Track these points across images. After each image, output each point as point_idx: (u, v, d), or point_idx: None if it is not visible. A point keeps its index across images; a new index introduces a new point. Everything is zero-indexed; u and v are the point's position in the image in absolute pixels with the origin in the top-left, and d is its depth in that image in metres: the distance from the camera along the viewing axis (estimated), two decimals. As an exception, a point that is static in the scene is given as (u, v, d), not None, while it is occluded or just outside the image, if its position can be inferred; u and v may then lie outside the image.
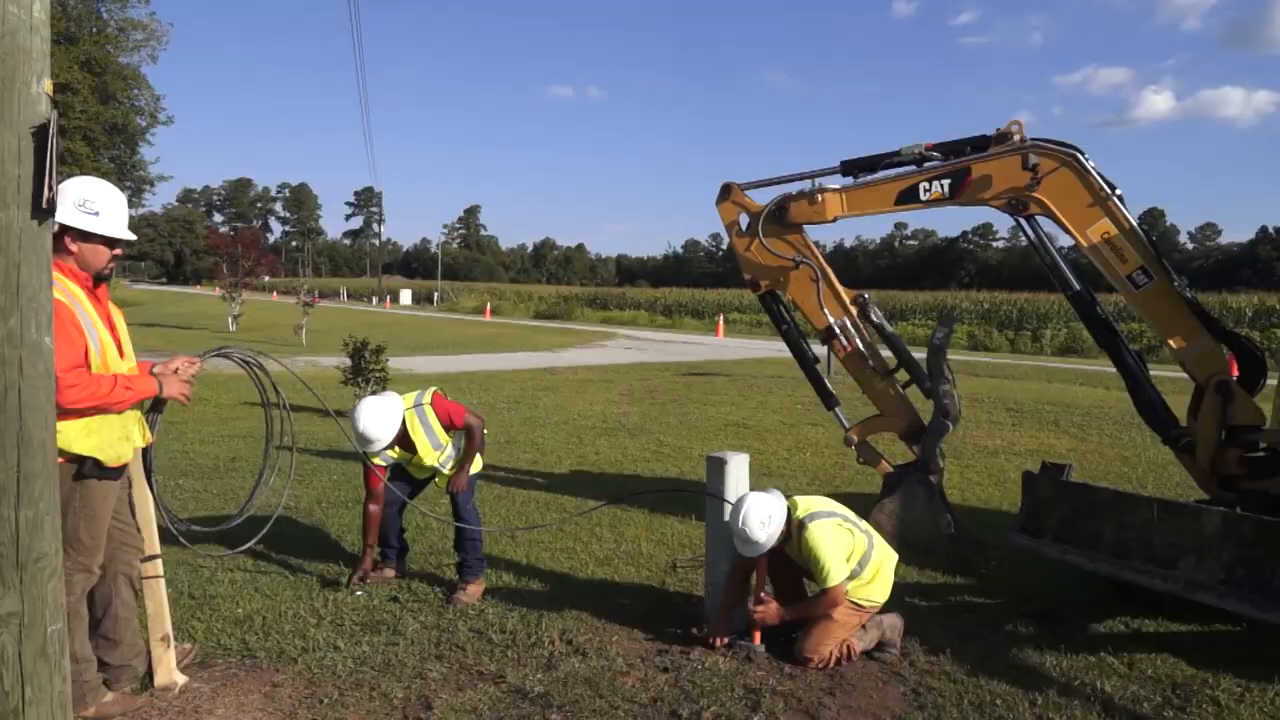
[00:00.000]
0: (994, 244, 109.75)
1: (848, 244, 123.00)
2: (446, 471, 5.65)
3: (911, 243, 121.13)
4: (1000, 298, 41.06)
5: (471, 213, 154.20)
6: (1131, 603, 5.44)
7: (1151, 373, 6.27)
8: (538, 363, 22.04)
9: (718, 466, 5.09)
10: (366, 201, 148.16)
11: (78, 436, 3.52)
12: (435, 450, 5.57)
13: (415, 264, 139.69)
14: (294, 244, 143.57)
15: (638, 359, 24.03)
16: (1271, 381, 6.08)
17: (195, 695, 4.16)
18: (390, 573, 5.77)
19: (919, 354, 6.92)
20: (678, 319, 47.62)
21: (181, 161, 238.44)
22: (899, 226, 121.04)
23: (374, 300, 72.63)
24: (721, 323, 37.63)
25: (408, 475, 5.78)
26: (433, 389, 5.67)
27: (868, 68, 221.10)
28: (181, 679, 4.22)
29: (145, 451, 4.05)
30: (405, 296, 75.40)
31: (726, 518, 4.96)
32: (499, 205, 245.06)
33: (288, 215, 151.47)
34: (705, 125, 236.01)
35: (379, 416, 5.32)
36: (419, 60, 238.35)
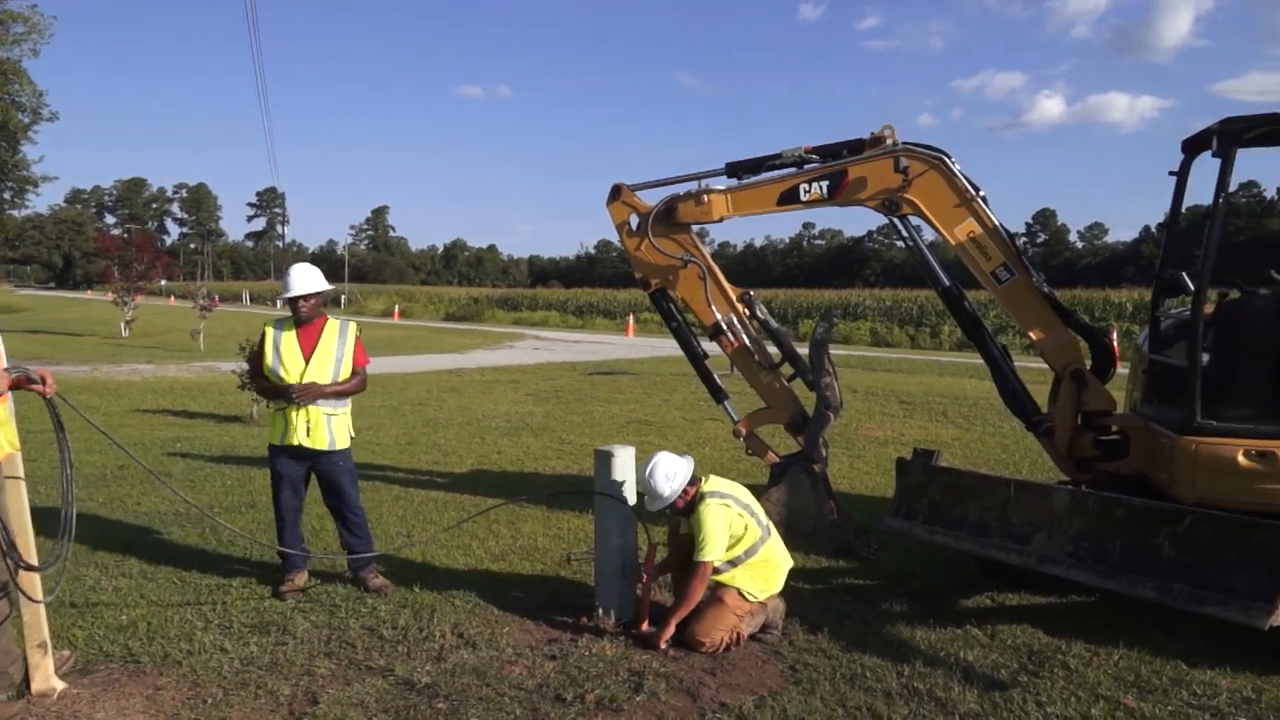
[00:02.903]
0: (897, 243, 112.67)
1: (758, 243, 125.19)
2: (318, 412, 5.55)
3: (819, 242, 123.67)
4: (902, 295, 42.25)
5: (379, 214, 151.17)
6: (995, 578, 5.80)
7: (1016, 363, 6.65)
8: (444, 364, 21.90)
9: (605, 460, 5.24)
10: (269, 202, 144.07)
11: None
12: (329, 371, 5.57)
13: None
14: (193, 246, 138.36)
15: (546, 359, 24.08)
16: (1122, 370, 6.52)
17: (74, 701, 4.13)
18: (303, 578, 5.72)
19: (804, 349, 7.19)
20: (589, 319, 47.73)
21: (69, 161, 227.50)
22: (807, 226, 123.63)
23: (278, 304, 70.59)
24: (632, 322, 37.91)
25: (297, 459, 5.62)
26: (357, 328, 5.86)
27: (774, 69, 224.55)
28: (60, 685, 4.18)
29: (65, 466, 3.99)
30: (311, 299, 73.38)
31: (635, 499, 5.16)
32: (408, 206, 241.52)
33: (185, 216, 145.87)
34: (615, 125, 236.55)
35: (310, 272, 5.69)
36: (322, 58, 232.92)
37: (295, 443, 5.51)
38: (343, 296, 71.10)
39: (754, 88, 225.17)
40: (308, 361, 5.54)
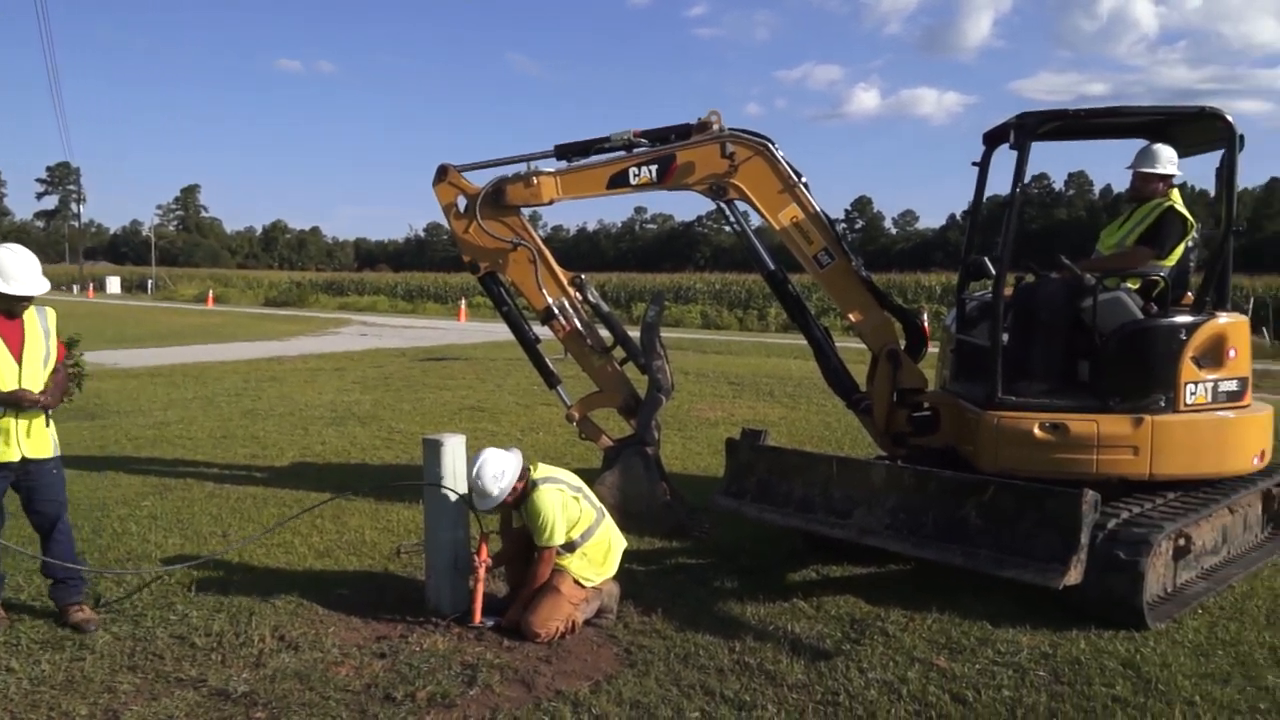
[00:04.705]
0: (726, 228, 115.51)
1: (590, 227, 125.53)
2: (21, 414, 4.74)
3: (651, 226, 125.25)
4: (731, 279, 43.40)
5: (190, 192, 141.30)
6: (820, 551, 6.04)
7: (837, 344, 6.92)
8: (263, 352, 20.81)
9: (434, 449, 5.08)
10: (62, 179, 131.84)
11: None
12: (41, 371, 4.80)
13: (125, 248, 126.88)
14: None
15: (374, 345, 23.29)
16: (933, 350, 6.90)
17: None
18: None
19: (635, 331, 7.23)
20: (420, 304, 46.53)
21: None
22: (639, 210, 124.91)
23: (75, 289, 65.43)
24: (464, 307, 37.22)
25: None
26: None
27: (606, 53, 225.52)
28: None
29: None
30: (113, 284, 68.43)
31: (463, 489, 5.03)
32: (222, 185, 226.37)
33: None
34: (445, 105, 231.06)
35: (35, 266, 4.75)
36: (121, 20, 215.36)
37: (16, 457, 4.71)
38: (149, 281, 66.55)
39: (586, 71, 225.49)
40: (20, 362, 4.72)
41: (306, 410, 12.22)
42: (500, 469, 4.87)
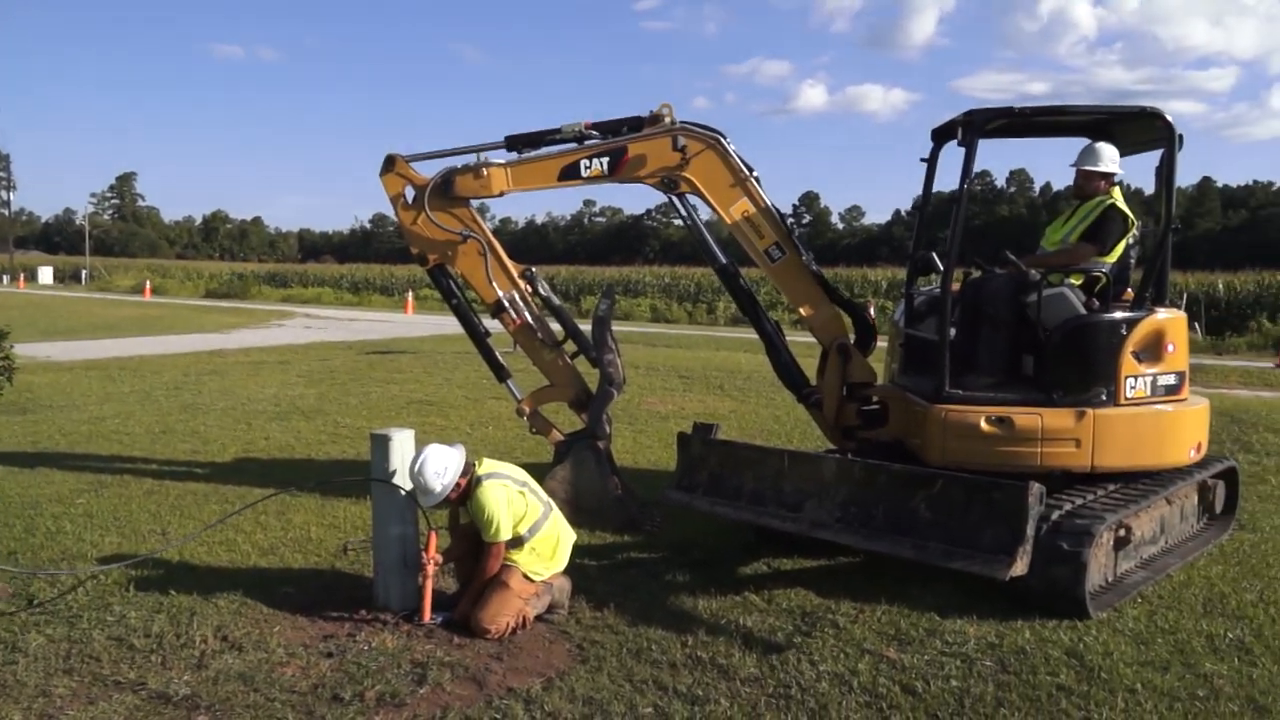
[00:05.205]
0: (675, 221, 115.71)
1: (539, 220, 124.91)
2: None
3: (600, 219, 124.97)
4: (680, 272, 43.47)
5: (126, 180, 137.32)
6: (771, 544, 6.06)
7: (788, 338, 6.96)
8: (204, 345, 20.35)
9: (382, 444, 5.00)
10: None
11: None
12: None
13: (58, 237, 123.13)
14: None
15: (319, 338, 22.91)
16: (881, 344, 6.96)
17: None
18: None
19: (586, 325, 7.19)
20: (365, 296, 45.84)
21: None
22: (588, 203, 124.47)
23: (4, 279, 63.37)
24: (411, 299, 36.77)
25: None
26: None
27: (553, 44, 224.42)
28: None
29: None
30: (45, 274, 66.50)
31: (407, 486, 4.94)
32: (160, 173, 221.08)
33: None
34: (391, 95, 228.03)
35: None
36: (55, 4, 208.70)
37: None
38: (84, 271, 64.74)
39: (534, 62, 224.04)
40: None
41: (249, 404, 11.96)
42: (442, 465, 4.80)
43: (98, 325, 26.46)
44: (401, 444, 5.00)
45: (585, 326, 7.13)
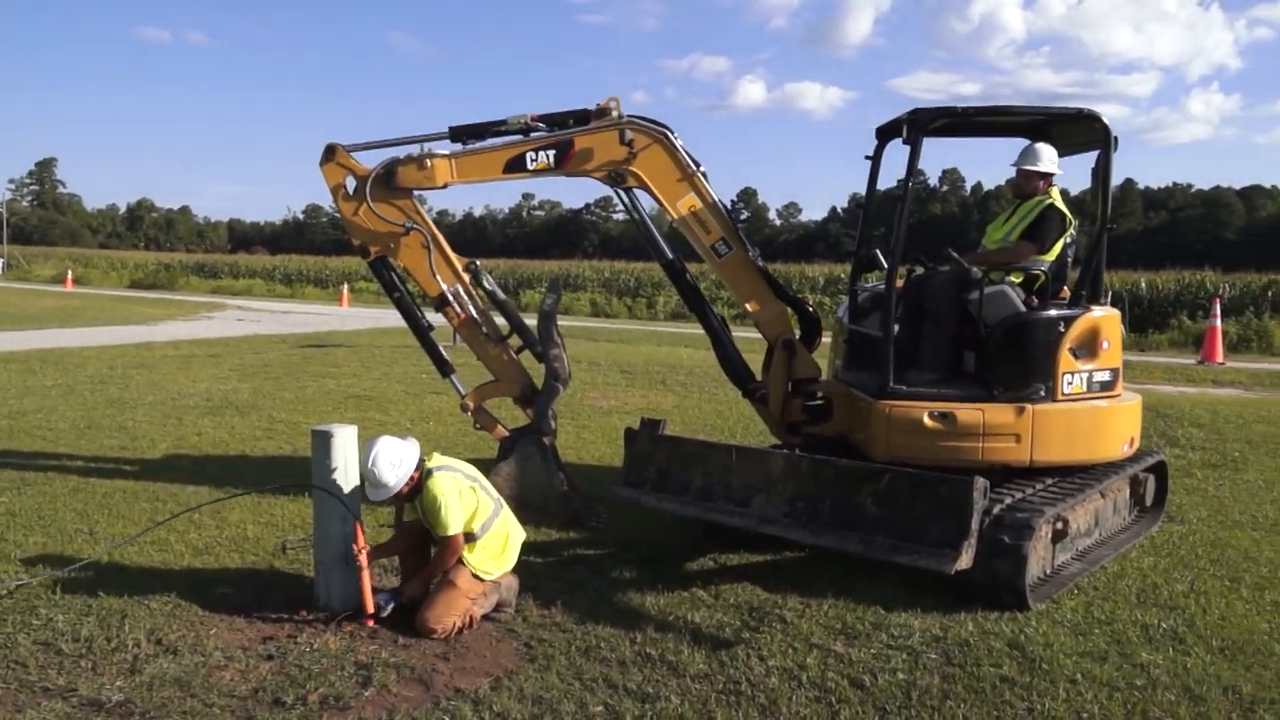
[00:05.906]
0: (614, 216, 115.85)
1: (477, 213, 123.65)
2: None
3: (539, 213, 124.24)
4: (620, 267, 43.38)
5: (45, 166, 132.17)
6: (718, 540, 6.07)
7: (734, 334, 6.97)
8: (130, 338, 19.69)
9: (324, 441, 4.87)
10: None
11: None
12: None
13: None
14: None
15: (252, 331, 22.34)
16: (826, 339, 7.02)
17: None
18: None
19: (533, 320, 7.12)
20: (299, 288, 44.82)
21: None
22: (527, 197, 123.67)
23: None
24: (346, 292, 36.09)
25: None
26: None
27: (491, 35, 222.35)
28: None
29: None
30: (-41, 263, 63.79)
31: (355, 483, 4.85)
32: (82, 160, 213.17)
33: None
34: (325, 84, 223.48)
35: None
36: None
37: None
38: (0, 260, 62.26)
39: (472, 53, 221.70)
40: None
41: (180, 399, 11.61)
42: (398, 457, 4.70)
43: (16, 316, 25.43)
44: (344, 441, 4.88)
45: (531, 321, 7.06)
